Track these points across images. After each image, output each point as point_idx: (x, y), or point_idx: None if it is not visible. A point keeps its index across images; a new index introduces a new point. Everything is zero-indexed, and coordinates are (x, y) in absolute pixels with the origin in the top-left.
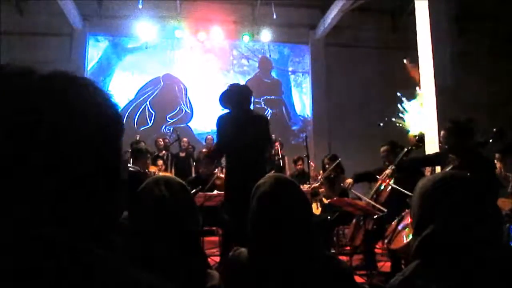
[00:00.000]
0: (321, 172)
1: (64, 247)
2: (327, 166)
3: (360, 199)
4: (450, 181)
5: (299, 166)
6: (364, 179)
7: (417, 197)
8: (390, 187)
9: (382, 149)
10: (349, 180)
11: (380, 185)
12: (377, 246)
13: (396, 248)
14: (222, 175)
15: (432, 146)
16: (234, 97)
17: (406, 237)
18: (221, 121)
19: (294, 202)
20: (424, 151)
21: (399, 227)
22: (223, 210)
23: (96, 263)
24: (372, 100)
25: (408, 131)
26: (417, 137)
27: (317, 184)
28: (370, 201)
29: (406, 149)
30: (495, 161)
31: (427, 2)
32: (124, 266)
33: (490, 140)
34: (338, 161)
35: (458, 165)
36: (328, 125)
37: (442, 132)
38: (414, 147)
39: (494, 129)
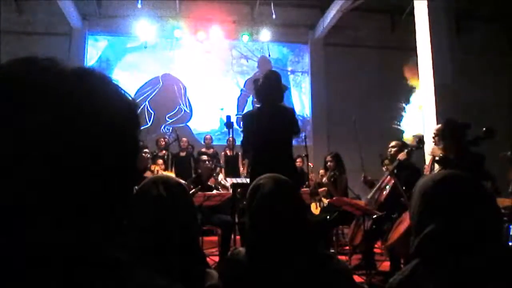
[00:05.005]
0: (320, 171)
1: (85, 250)
2: (328, 164)
3: (359, 198)
4: (450, 180)
5: (298, 164)
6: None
7: (417, 196)
8: (389, 188)
9: (392, 144)
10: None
11: (381, 183)
12: (376, 246)
13: (391, 242)
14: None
15: (431, 146)
16: (265, 93)
17: (400, 231)
18: (248, 118)
19: (293, 202)
20: (424, 152)
21: (396, 225)
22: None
23: (115, 265)
24: (371, 100)
25: (403, 132)
26: (417, 138)
27: (322, 180)
28: (372, 195)
29: (406, 150)
30: None
31: (426, 2)
32: (139, 268)
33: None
34: (343, 172)
35: (449, 161)
36: (327, 125)
37: (436, 129)
38: (414, 149)
39: (484, 128)
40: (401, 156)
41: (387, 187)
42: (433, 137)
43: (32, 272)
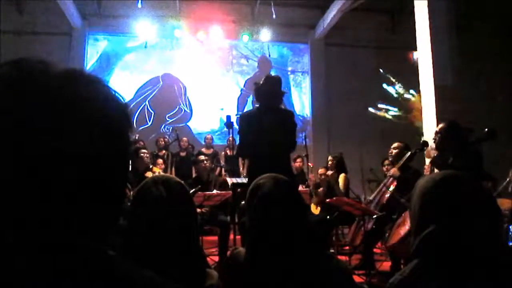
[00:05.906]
0: (320, 170)
1: (83, 249)
2: (330, 163)
3: (359, 198)
4: (450, 180)
5: (298, 164)
6: None
7: (417, 197)
8: (391, 190)
9: (394, 145)
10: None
11: (383, 186)
12: (376, 246)
13: (392, 243)
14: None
15: (431, 146)
16: (265, 93)
17: (400, 231)
18: (246, 118)
19: (293, 202)
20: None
21: (397, 226)
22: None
23: (111, 264)
24: (371, 100)
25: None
26: (422, 140)
27: (329, 173)
28: (374, 196)
29: (410, 153)
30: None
31: (426, 1)
32: (135, 267)
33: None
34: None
35: (449, 162)
36: (328, 125)
37: (438, 128)
38: (418, 151)
39: (486, 129)
40: (393, 171)
41: (389, 189)
42: (435, 135)
43: (28, 269)
